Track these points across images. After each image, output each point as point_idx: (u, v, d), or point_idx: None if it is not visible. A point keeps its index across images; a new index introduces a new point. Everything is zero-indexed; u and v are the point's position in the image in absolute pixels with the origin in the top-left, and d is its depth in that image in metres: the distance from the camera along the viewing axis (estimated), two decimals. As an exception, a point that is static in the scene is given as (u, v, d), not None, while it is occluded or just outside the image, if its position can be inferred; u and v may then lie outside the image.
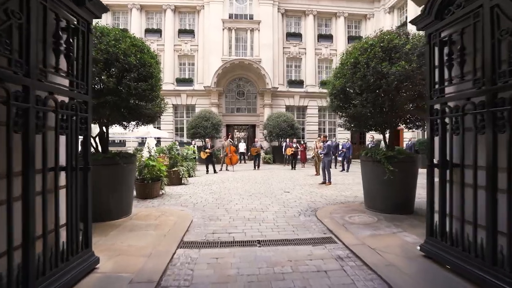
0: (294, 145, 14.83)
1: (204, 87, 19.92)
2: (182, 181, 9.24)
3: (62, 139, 2.56)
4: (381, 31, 5.40)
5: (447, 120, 3.10)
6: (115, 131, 8.24)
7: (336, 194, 7.68)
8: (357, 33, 22.90)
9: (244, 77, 21.22)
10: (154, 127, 19.82)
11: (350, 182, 10.02)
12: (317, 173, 12.04)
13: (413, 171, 5.35)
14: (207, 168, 12.74)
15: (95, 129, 5.06)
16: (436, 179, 3.26)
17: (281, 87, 21.03)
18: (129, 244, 3.75)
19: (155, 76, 4.87)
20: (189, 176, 10.74)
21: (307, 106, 21.74)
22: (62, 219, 2.56)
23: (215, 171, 12.72)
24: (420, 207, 5.63)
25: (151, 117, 5.40)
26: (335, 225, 4.73)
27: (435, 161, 3.32)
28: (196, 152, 14.21)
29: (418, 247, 3.44)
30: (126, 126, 5.64)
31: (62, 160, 2.57)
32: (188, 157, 11.39)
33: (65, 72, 2.58)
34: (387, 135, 5.96)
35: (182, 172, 9.06)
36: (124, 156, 4.94)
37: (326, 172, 9.32)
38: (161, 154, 9.74)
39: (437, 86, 3.22)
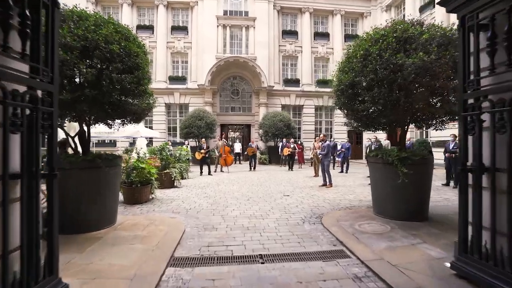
0: (292, 145, 14.35)
1: (197, 85, 19.31)
2: (175, 184, 8.66)
3: (16, 138, 2.00)
4: (393, 20, 4.93)
5: (484, 116, 2.64)
6: (101, 130, 7.62)
7: (339, 197, 7.21)
8: (353, 32, 22.57)
9: (239, 75, 20.67)
10: (146, 127, 19.16)
11: (351, 184, 9.58)
12: (316, 175, 11.59)
13: (427, 174, 4.90)
14: (201, 169, 12.16)
15: (75, 127, 4.47)
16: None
17: (277, 85, 20.55)
18: (109, 262, 3.18)
19: (142, 67, 4.31)
20: (182, 178, 10.16)
21: (303, 105, 21.30)
22: (16, 241, 2.00)
23: (209, 173, 12.15)
24: (434, 213, 5.20)
25: (138, 115, 4.82)
26: (345, 234, 4.24)
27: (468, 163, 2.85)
28: (190, 153, 13.63)
29: (448, 264, 2.97)
30: (111, 125, 5.06)
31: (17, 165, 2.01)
32: (181, 158, 10.80)
33: (20, 54, 2.02)
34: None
35: (175, 175, 8.48)
36: (107, 159, 4.37)
37: (326, 174, 8.86)
38: (152, 155, 9.14)
39: (472, 77, 2.75)
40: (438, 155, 15.22)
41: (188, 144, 16.33)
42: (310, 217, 5.32)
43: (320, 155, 9.11)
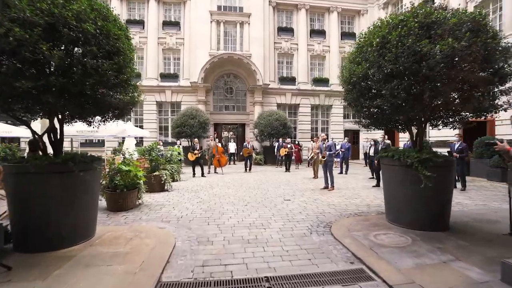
0: (289, 145, 13.78)
1: (190, 83, 18.57)
2: (165, 187, 7.98)
3: None
4: (412, 4, 4.39)
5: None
6: (83, 129, 6.90)
7: (344, 202, 6.66)
8: (350, 30, 22.18)
9: (233, 73, 20.02)
10: (137, 126, 18.34)
11: (354, 186, 9.05)
12: (315, 176, 11.05)
13: (450, 178, 4.38)
14: (193, 171, 11.48)
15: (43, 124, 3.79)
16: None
17: (272, 84, 19.98)
18: (78, 293, 2.53)
19: (124, 53, 3.64)
20: (174, 181, 9.49)
21: (299, 104, 20.77)
22: None
23: (203, 175, 11.48)
24: (452, 220, 4.67)
25: (120, 110, 4.15)
26: (362, 248, 3.67)
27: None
28: (182, 153, 12.94)
29: (500, 292, 2.42)
30: (90, 122, 4.38)
31: None
32: (172, 159, 10.12)
33: None
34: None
35: (165, 177, 7.80)
36: (83, 161, 3.69)
37: (329, 176, 8.31)
38: (140, 156, 8.44)
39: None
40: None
41: (180, 144, 15.63)
42: (317, 226, 4.74)
43: (323, 155, 8.54)
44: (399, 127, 5.23)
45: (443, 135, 14.96)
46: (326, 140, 8.57)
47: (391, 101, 4.00)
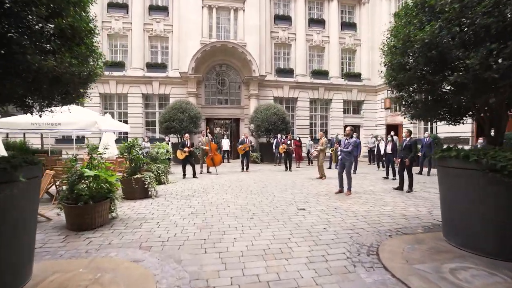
0: (289, 142, 12.45)
1: (180, 73, 16.94)
2: (149, 193, 6.52)
3: None
4: None
5: None
6: (40, 121, 5.38)
7: (373, 211, 5.38)
8: (350, 20, 20.94)
9: (227, 63, 18.50)
10: (121, 121, 16.63)
11: (371, 189, 7.81)
12: (321, 176, 9.79)
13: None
14: (183, 171, 10.00)
15: None
16: None
17: (268, 76, 18.57)
18: None
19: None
20: (160, 183, 8.03)
21: (297, 98, 19.46)
22: None
23: (194, 175, 10.03)
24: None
25: (74, 86, 2.69)
26: (448, 301, 2.36)
27: None
28: (171, 151, 11.44)
29: None
30: (27, 105, 2.89)
31: None
32: (159, 157, 8.63)
33: None
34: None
35: (149, 180, 6.33)
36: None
37: (346, 178, 7.02)
38: (118, 155, 6.94)
39: None
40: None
41: (169, 140, 14.10)
42: (358, 253, 3.42)
43: (340, 154, 7.22)
44: (474, 116, 3.95)
45: (455, 131, 13.94)
46: (351, 135, 7.11)
47: (480, 74, 2.68)
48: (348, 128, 7.39)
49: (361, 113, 20.70)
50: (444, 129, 14.52)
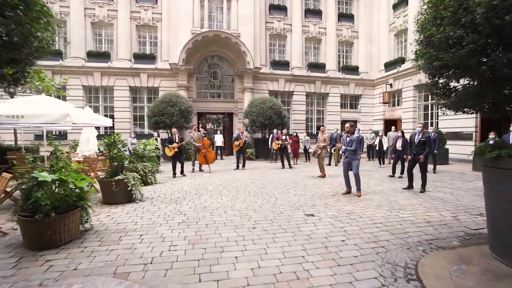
0: (283, 137, 11.69)
1: (169, 64, 15.92)
2: (133, 196, 5.68)
3: None
4: None
5: None
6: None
7: (392, 217, 4.69)
8: (348, 11, 20.23)
9: (220, 55, 17.57)
10: (106, 115, 15.59)
11: (380, 188, 7.14)
12: (322, 174, 9.11)
13: None
14: (173, 170, 9.13)
15: None
16: None
17: (263, 68, 17.73)
18: None
19: None
20: (147, 184, 7.19)
21: (293, 91, 18.70)
22: None
23: (182, 172, 9.20)
24: None
25: (19, 63, 1.92)
26: None
27: None
28: (160, 147, 10.57)
29: None
30: None
31: None
32: (145, 155, 7.77)
33: None
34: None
35: (132, 182, 5.49)
36: None
37: (355, 178, 6.33)
38: (97, 153, 6.06)
39: None
40: (454, 149, 13.40)
41: (158, 136, 13.19)
42: (393, 277, 2.70)
43: (344, 152, 6.51)
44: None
45: (458, 125, 13.46)
46: (352, 132, 6.45)
47: None
48: (347, 125, 6.66)
49: (358, 108, 20.11)
50: (446, 124, 14.03)
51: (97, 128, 9.90)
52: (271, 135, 13.94)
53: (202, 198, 6.08)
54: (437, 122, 15.00)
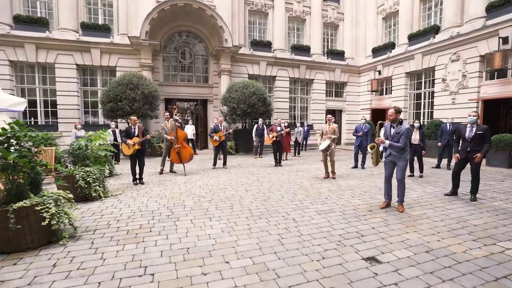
0: (278, 128, 9.67)
1: (129, 38, 12.88)
2: (59, 234, 3.26)
3: None
4: None
5: None
6: None
7: (479, 252, 2.88)
8: (333, -11, 18.39)
9: (191, 30, 14.86)
10: (48, 101, 12.21)
11: (417, 196, 5.40)
12: (327, 175, 7.29)
13: None
14: (133, 174, 6.61)
15: None
16: None
17: (243, 49, 15.37)
18: None
19: None
20: (90, 199, 4.75)
21: (275, 76, 16.62)
22: None
23: (141, 179, 6.65)
24: None
25: None
26: None
27: None
28: (119, 142, 7.97)
29: None
30: None
31: None
32: (89, 156, 5.26)
33: None
34: None
35: (53, 210, 3.06)
36: None
37: (399, 186, 4.49)
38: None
39: None
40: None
41: (116, 126, 10.36)
42: None
43: (387, 151, 4.62)
44: None
45: (453, 116, 12.38)
46: (399, 121, 4.50)
47: None
48: (391, 111, 4.59)
49: (343, 96, 18.65)
50: (441, 114, 12.94)
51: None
52: (255, 126, 11.81)
53: (181, 227, 3.82)
54: (431, 112, 13.94)
